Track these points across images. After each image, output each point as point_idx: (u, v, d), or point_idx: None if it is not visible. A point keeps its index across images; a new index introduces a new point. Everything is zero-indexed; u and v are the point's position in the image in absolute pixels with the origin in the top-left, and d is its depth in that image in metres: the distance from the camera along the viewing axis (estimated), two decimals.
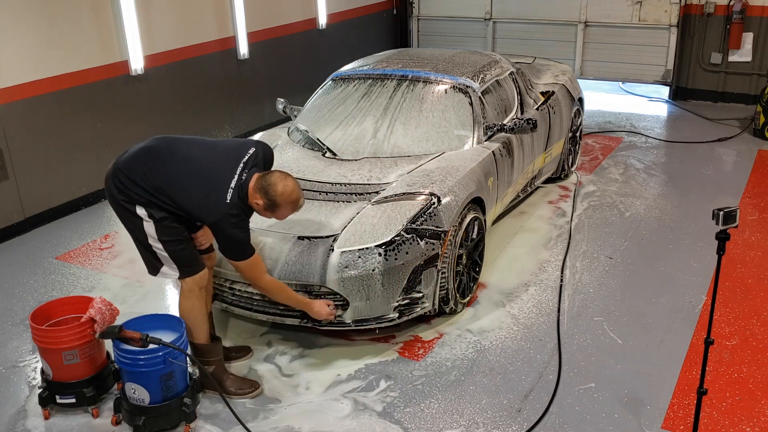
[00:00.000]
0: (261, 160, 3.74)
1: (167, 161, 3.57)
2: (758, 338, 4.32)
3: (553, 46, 10.00)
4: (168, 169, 3.55)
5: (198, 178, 3.54)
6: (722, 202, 6.08)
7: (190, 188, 3.52)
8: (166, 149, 3.63)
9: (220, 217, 3.49)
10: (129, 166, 3.56)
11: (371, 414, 3.72)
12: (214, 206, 3.50)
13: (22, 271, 5.37)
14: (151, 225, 3.57)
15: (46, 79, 6.01)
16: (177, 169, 3.55)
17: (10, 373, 4.16)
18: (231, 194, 3.52)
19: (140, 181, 3.52)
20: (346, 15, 9.86)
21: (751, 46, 8.90)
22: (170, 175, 3.54)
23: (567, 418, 3.66)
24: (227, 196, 3.51)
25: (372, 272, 4.01)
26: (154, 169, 3.54)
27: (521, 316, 4.58)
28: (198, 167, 3.57)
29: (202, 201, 3.52)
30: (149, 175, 3.52)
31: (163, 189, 3.52)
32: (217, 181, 3.54)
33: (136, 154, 3.60)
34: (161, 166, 3.55)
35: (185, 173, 3.54)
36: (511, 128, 5.21)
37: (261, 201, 3.58)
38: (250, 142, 3.83)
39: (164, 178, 3.53)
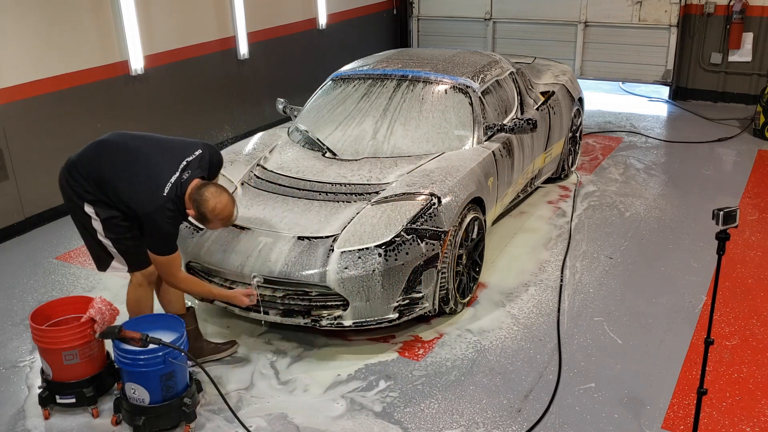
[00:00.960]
0: (206, 164, 3.79)
1: (114, 154, 3.70)
2: (758, 338, 4.32)
3: (553, 46, 10.00)
4: (113, 161, 3.67)
5: (139, 170, 3.64)
6: (722, 202, 6.09)
7: (131, 179, 3.62)
8: (115, 144, 3.76)
9: (156, 209, 3.56)
10: (79, 161, 3.71)
11: (370, 414, 3.72)
12: (152, 197, 3.57)
13: (22, 271, 5.37)
14: (98, 223, 3.70)
15: (46, 79, 6.01)
16: (121, 161, 3.67)
17: (10, 373, 4.16)
18: (169, 189, 3.60)
19: (87, 175, 3.66)
20: (346, 15, 9.86)
21: (751, 46, 8.90)
22: (115, 166, 3.65)
23: (567, 418, 3.66)
24: (165, 190, 3.58)
25: (372, 272, 4.01)
26: (100, 162, 3.67)
27: (521, 316, 4.58)
28: (141, 161, 3.67)
29: (140, 192, 3.60)
30: (95, 167, 3.66)
31: (106, 181, 3.64)
32: (156, 175, 3.62)
33: (86, 149, 3.76)
34: (107, 158, 3.69)
35: (128, 165, 3.65)
36: (511, 128, 5.20)
37: (192, 211, 3.66)
38: (198, 144, 3.88)
39: (109, 169, 3.65)
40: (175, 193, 3.60)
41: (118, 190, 3.62)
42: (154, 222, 3.58)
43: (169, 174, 3.63)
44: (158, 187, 3.59)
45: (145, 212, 3.57)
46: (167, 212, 3.58)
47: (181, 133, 7.37)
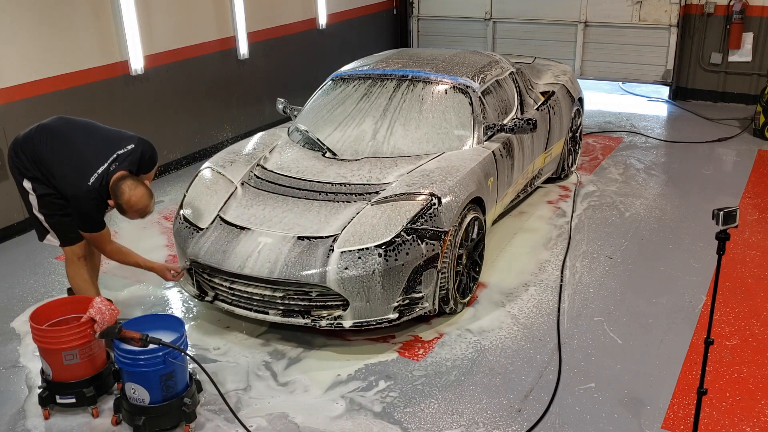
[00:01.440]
0: (137, 158, 4.08)
1: (52, 138, 4.02)
2: (758, 338, 4.32)
3: (553, 46, 10.00)
4: (51, 145, 3.99)
5: (71, 157, 3.96)
6: (722, 202, 6.09)
7: (62, 164, 3.95)
8: (54, 128, 4.07)
9: (81, 195, 3.90)
10: (23, 141, 4.05)
11: (370, 414, 3.72)
12: (78, 184, 3.90)
13: (22, 271, 5.37)
14: (34, 198, 4.05)
15: (47, 79, 6.01)
16: (57, 145, 3.99)
17: (10, 373, 4.16)
18: (94, 179, 3.91)
19: (27, 154, 4.00)
20: (346, 15, 9.86)
21: (751, 46, 8.90)
22: (51, 149, 3.98)
23: (567, 418, 3.66)
24: (90, 180, 3.91)
25: (372, 273, 4.01)
26: (39, 144, 4.00)
27: (521, 316, 4.58)
28: (75, 148, 3.99)
29: (68, 176, 3.93)
30: (34, 148, 3.99)
31: (42, 161, 3.97)
32: (86, 164, 3.94)
33: (30, 130, 4.08)
34: (45, 141, 4.00)
35: (62, 151, 3.98)
36: (511, 128, 5.20)
37: (111, 202, 3.99)
38: (133, 138, 4.16)
39: (45, 151, 3.98)
40: (100, 183, 3.92)
41: (52, 170, 3.97)
42: (78, 205, 3.94)
43: (98, 165, 3.94)
44: (85, 176, 3.90)
45: (71, 194, 3.93)
46: (91, 200, 3.93)
47: (181, 134, 7.39)
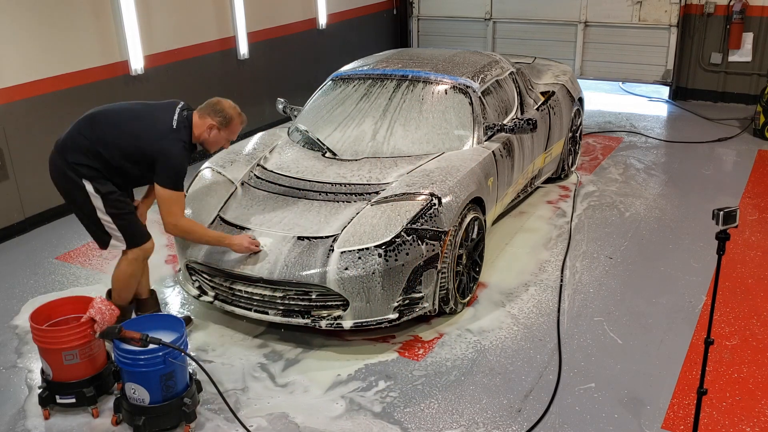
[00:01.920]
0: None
1: (113, 118, 3.91)
2: (758, 338, 4.32)
3: (553, 46, 10.00)
4: (114, 124, 3.88)
5: (142, 117, 3.90)
6: (722, 202, 6.09)
7: (137, 126, 3.85)
8: (108, 111, 3.98)
9: (169, 140, 3.82)
10: (72, 139, 3.87)
11: (370, 414, 3.72)
12: (162, 132, 3.84)
13: (22, 271, 5.37)
14: (98, 199, 3.86)
15: (47, 79, 6.01)
16: (123, 121, 3.89)
17: (10, 373, 4.16)
18: (176, 122, 3.89)
19: (85, 149, 3.82)
20: (346, 15, 9.86)
21: (751, 46, 8.90)
22: (117, 128, 3.86)
23: (567, 418, 3.66)
24: (173, 123, 3.88)
25: (372, 273, 4.01)
26: (100, 129, 3.85)
27: (521, 316, 4.58)
28: (140, 115, 3.93)
29: (149, 133, 3.83)
30: (94, 137, 3.83)
31: (108, 144, 3.81)
32: (160, 117, 3.91)
33: (76, 127, 3.91)
34: (107, 124, 3.88)
35: (129, 122, 3.89)
36: (511, 128, 5.20)
37: (214, 121, 3.95)
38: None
39: (110, 133, 3.84)
40: (183, 125, 3.89)
41: (122, 146, 3.82)
42: (167, 153, 3.81)
43: (170, 114, 3.92)
44: (165, 124, 3.86)
45: (159, 147, 3.80)
46: (179, 142, 3.85)
47: None
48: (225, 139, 4.08)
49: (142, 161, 3.87)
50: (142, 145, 3.83)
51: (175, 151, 3.83)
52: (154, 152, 3.81)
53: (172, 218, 3.94)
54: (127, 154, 3.85)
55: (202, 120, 3.95)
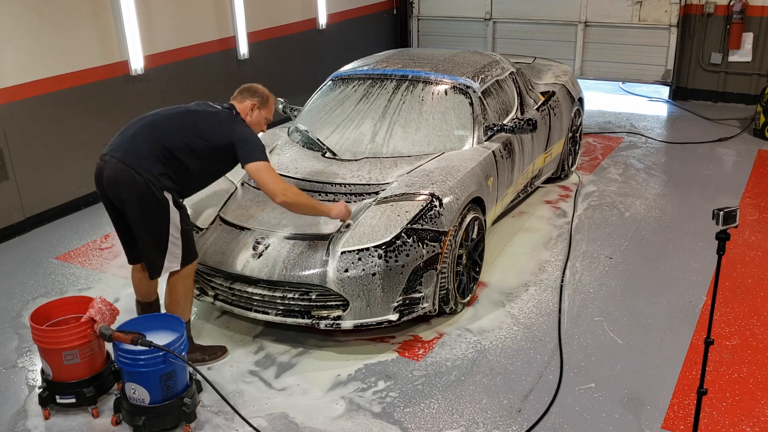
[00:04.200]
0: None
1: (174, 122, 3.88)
2: (758, 338, 4.32)
3: (553, 46, 10.00)
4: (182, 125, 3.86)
5: (202, 117, 3.93)
6: (722, 202, 6.08)
7: (203, 129, 3.87)
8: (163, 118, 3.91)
9: (239, 124, 3.95)
10: (146, 148, 3.74)
11: (370, 414, 3.72)
12: (227, 122, 3.93)
13: (22, 271, 5.37)
14: (177, 213, 3.80)
15: (47, 79, 6.01)
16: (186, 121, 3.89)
17: (10, 373, 4.16)
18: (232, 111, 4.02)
19: (164, 158, 3.75)
20: (346, 15, 9.86)
21: (751, 46, 8.90)
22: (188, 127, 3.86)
23: (567, 418, 3.66)
24: (231, 112, 4.01)
25: (372, 273, 4.01)
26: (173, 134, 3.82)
27: (521, 316, 4.58)
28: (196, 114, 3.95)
29: (217, 128, 3.89)
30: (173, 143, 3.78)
31: (187, 143, 3.81)
32: (215, 111, 3.99)
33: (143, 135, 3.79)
34: (175, 127, 3.85)
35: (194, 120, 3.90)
36: (511, 128, 5.20)
37: (253, 101, 4.08)
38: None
39: (184, 134, 3.83)
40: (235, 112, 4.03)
41: (197, 145, 3.83)
42: (243, 135, 3.90)
43: (218, 109, 4.02)
44: (225, 114, 3.98)
45: (235, 133, 3.88)
46: (242, 123, 3.99)
47: None
48: (265, 118, 4.18)
49: (222, 155, 3.92)
50: (216, 138, 3.87)
51: (247, 130, 3.96)
52: (234, 138, 3.88)
53: (280, 183, 3.91)
54: (207, 152, 3.87)
55: (243, 104, 4.08)
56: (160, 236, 3.78)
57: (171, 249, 3.82)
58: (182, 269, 3.92)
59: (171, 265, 3.86)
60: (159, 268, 3.85)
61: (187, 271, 3.95)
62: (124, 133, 3.83)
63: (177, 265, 3.88)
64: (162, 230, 3.77)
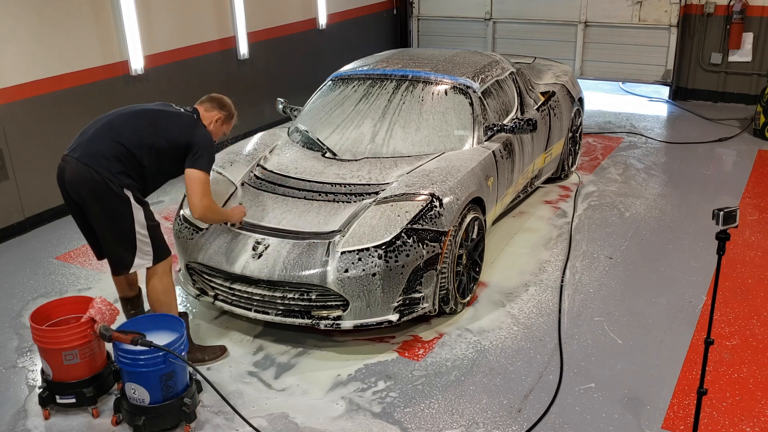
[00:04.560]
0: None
1: (132, 121, 3.91)
2: (758, 338, 4.32)
3: (553, 46, 10.00)
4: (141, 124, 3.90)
5: (165, 116, 3.98)
6: (722, 202, 6.08)
7: (166, 124, 3.93)
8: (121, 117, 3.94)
9: (199, 129, 3.99)
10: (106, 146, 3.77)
11: (370, 414, 3.72)
12: (188, 125, 3.97)
13: (22, 271, 5.37)
14: (140, 210, 3.82)
15: (47, 79, 6.01)
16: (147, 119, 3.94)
17: (10, 373, 4.16)
18: (195, 114, 4.07)
19: (123, 156, 3.78)
20: (346, 15, 9.86)
21: (751, 46, 8.90)
22: (146, 126, 3.89)
23: (567, 418, 3.66)
24: (194, 115, 4.06)
25: (372, 273, 4.01)
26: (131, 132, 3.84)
27: (521, 316, 4.58)
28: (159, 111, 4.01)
29: (180, 126, 3.95)
30: (130, 142, 3.81)
31: (146, 144, 3.83)
32: (177, 112, 4.04)
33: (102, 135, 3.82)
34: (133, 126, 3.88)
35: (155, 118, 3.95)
36: (511, 128, 5.20)
37: (220, 115, 4.15)
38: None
39: (143, 132, 3.86)
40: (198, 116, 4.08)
41: (159, 142, 3.86)
42: (201, 139, 3.94)
43: (181, 110, 4.07)
44: (188, 117, 4.02)
45: (194, 136, 3.92)
46: (205, 129, 4.04)
47: None
48: (223, 132, 4.25)
49: (177, 156, 3.93)
50: (180, 139, 3.90)
51: (208, 138, 4.01)
52: (192, 142, 3.91)
53: (207, 199, 3.94)
54: (163, 152, 3.88)
55: (209, 113, 4.13)
56: (125, 234, 3.80)
57: (140, 246, 3.85)
58: (156, 266, 3.95)
59: (143, 262, 3.89)
60: (128, 265, 3.88)
61: (162, 268, 3.97)
62: (84, 133, 3.87)
63: (149, 262, 3.91)
64: (127, 227, 3.80)
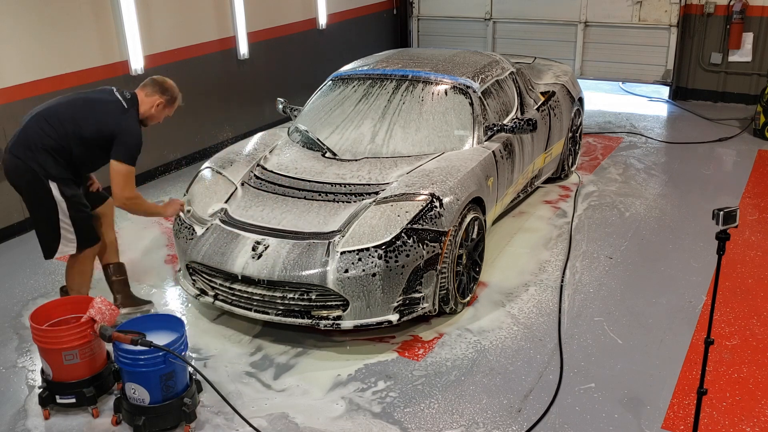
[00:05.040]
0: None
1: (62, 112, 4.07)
2: (758, 338, 4.32)
3: (553, 46, 10.00)
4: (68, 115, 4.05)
5: (93, 105, 4.12)
6: (722, 202, 6.08)
7: (93, 113, 4.07)
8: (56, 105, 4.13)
9: (127, 119, 4.09)
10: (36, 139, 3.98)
11: (370, 414, 3.72)
12: (118, 113, 4.10)
13: (22, 271, 5.37)
14: (63, 202, 4.05)
15: (47, 79, 6.01)
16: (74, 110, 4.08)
17: (10, 373, 4.16)
18: (126, 102, 4.16)
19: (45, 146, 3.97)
20: (346, 15, 9.86)
21: (751, 46, 8.90)
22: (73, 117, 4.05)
23: (567, 418, 3.66)
24: (124, 104, 4.15)
25: (372, 274, 4.01)
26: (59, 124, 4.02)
27: (521, 316, 4.58)
28: (88, 102, 4.14)
29: (108, 115, 4.07)
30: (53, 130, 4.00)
31: (69, 134, 4.00)
32: (108, 100, 4.16)
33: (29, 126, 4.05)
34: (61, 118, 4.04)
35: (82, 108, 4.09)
36: (511, 128, 5.20)
37: (161, 99, 4.23)
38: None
39: (70, 123, 4.03)
40: (131, 104, 4.16)
41: (84, 135, 4.02)
42: (128, 130, 4.07)
43: (114, 97, 4.16)
44: (117, 105, 4.12)
45: (119, 126, 4.04)
46: (134, 119, 4.13)
47: (181, 134, 7.39)
48: (165, 115, 4.37)
49: (104, 144, 4.07)
50: (103, 128, 4.04)
51: (134, 128, 4.11)
52: (116, 131, 4.03)
53: (128, 191, 4.13)
54: (89, 141, 4.04)
55: (150, 98, 4.22)
56: (50, 222, 4.09)
57: (64, 234, 4.13)
58: (80, 253, 4.25)
59: (66, 249, 4.19)
60: (52, 251, 4.18)
61: (85, 255, 4.28)
62: (20, 126, 4.13)
63: (72, 249, 4.20)
64: (50, 216, 4.07)
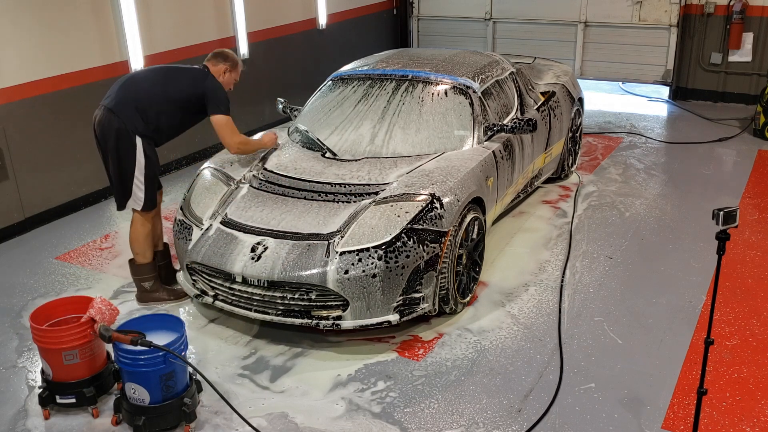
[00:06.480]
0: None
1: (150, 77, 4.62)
2: (758, 338, 4.32)
3: (553, 46, 10.00)
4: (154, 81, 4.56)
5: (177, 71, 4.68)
6: (722, 202, 6.08)
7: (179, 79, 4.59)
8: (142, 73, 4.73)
9: (210, 79, 4.60)
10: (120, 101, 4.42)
11: (370, 414, 3.72)
12: (199, 76, 4.62)
13: (22, 271, 5.37)
14: (143, 158, 4.46)
15: (47, 79, 6.01)
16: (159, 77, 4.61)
17: (10, 373, 4.16)
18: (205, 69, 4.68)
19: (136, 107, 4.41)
20: (346, 15, 9.86)
21: (751, 46, 8.90)
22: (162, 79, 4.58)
23: (567, 418, 3.66)
24: (204, 70, 4.68)
25: (372, 274, 4.01)
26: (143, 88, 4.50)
27: (521, 316, 4.58)
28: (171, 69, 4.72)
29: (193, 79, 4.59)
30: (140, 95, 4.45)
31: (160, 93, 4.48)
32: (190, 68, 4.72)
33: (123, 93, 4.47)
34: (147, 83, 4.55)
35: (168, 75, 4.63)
36: (511, 128, 5.20)
37: (225, 65, 4.72)
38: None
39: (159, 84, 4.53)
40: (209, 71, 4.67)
41: (172, 94, 4.52)
42: (215, 87, 4.59)
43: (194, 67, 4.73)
44: (199, 71, 4.66)
45: (206, 87, 4.56)
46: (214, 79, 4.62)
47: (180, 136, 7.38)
48: (233, 80, 4.82)
49: (189, 108, 4.59)
50: (192, 91, 4.54)
51: (219, 85, 4.63)
52: (205, 91, 4.54)
53: (236, 137, 4.71)
54: (176, 103, 4.52)
55: (217, 67, 4.71)
56: (125, 175, 4.48)
57: (135, 191, 4.53)
58: (143, 214, 4.61)
59: (133, 204, 4.57)
60: (122, 205, 4.60)
61: (145, 216, 4.63)
62: (114, 85, 4.58)
63: (139, 206, 4.57)
64: (129, 170, 4.46)
